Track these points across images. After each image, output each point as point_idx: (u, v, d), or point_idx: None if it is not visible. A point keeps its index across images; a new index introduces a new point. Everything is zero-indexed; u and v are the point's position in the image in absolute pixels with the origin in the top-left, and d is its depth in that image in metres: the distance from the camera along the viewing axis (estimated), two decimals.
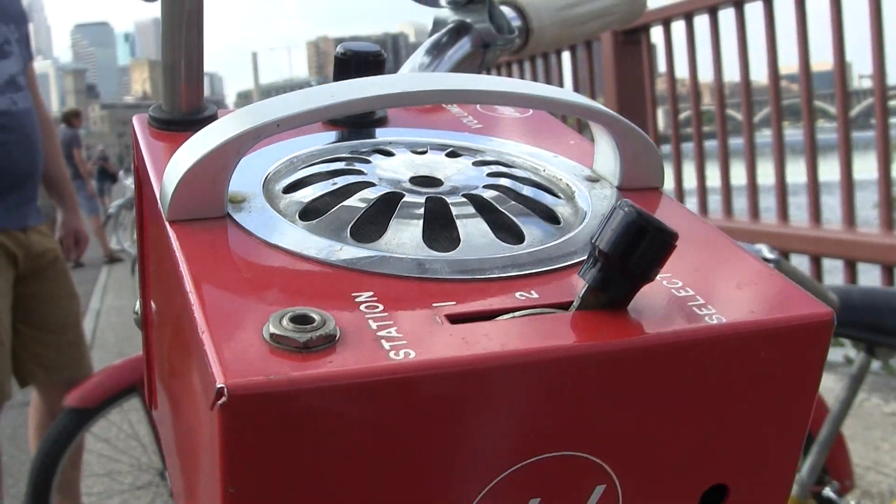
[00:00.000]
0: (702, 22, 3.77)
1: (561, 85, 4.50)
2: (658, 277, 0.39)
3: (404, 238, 0.42)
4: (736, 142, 4.00)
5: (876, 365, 1.67)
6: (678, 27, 3.90)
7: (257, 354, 0.33)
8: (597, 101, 0.48)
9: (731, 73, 4.05)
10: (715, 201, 3.95)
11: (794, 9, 3.33)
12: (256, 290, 0.38)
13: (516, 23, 0.77)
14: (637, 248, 0.36)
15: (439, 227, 0.43)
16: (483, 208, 0.44)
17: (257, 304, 0.36)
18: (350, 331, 0.35)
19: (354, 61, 0.53)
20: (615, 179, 0.49)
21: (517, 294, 0.38)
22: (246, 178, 0.46)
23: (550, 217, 0.46)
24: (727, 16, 3.66)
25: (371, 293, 0.37)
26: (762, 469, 0.41)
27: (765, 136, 4.50)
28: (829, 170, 3.54)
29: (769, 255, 1.26)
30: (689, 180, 4.05)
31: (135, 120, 0.53)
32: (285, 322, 0.34)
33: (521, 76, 5.08)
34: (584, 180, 0.50)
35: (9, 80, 2.44)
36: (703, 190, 3.96)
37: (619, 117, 0.47)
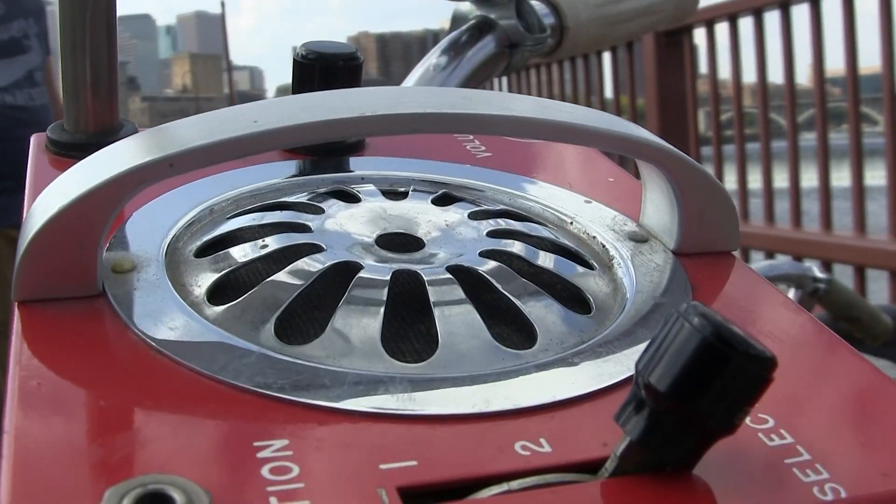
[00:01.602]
0: (746, 24, 3.68)
1: (600, 87, 4.42)
2: None
3: (354, 338, 0.29)
4: (778, 145, 3.92)
5: None
6: (721, 28, 3.82)
7: None
8: (642, 127, 0.34)
9: (774, 76, 3.95)
10: (755, 204, 3.86)
11: (842, 9, 3.23)
12: (104, 433, 0.25)
13: (549, 20, 0.66)
14: (712, 387, 0.23)
15: (410, 318, 0.30)
16: (477, 290, 0.32)
17: (96, 466, 0.23)
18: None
19: (319, 67, 0.40)
20: (671, 240, 0.36)
21: (517, 446, 0.26)
22: (146, 232, 0.33)
23: (576, 300, 0.33)
24: (772, 18, 3.57)
25: (285, 441, 0.25)
26: None
27: (806, 139, 4.42)
28: (872, 175, 3.47)
29: (820, 276, 1.17)
30: (730, 183, 3.97)
31: (32, 140, 0.42)
32: None
33: (556, 78, 4.96)
34: (627, 239, 0.37)
35: (27, 76, 2.43)
36: (744, 193, 3.86)
37: (683, 156, 0.34)
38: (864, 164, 3.38)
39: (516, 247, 0.34)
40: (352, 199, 0.36)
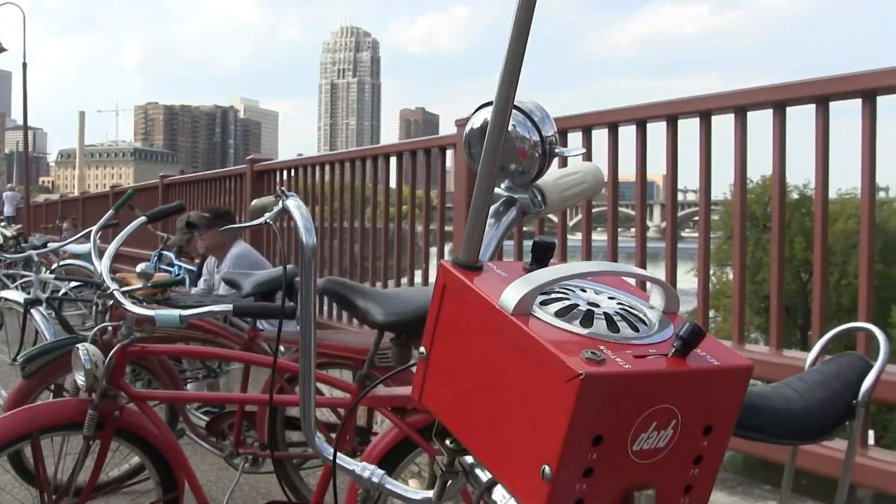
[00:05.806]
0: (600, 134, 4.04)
1: None
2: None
3: (601, 326, 0.81)
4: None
5: None
6: (574, 137, 4.23)
7: (583, 361, 0.73)
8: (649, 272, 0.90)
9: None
10: None
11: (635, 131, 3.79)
12: (562, 339, 0.77)
13: (538, 198, 1.17)
14: (697, 339, 0.78)
15: (611, 323, 0.82)
16: (624, 317, 0.83)
17: (568, 344, 0.76)
18: (606, 358, 0.75)
19: (542, 247, 0.90)
20: (661, 307, 0.88)
21: (650, 350, 0.79)
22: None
23: (645, 321, 0.85)
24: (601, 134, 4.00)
25: (602, 347, 0.77)
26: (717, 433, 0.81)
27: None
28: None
29: None
30: None
31: (443, 263, 0.88)
32: (589, 353, 0.74)
33: None
34: (649, 307, 0.88)
35: None
36: None
37: (663, 282, 0.88)
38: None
39: (627, 310, 0.85)
40: (584, 290, 0.88)
